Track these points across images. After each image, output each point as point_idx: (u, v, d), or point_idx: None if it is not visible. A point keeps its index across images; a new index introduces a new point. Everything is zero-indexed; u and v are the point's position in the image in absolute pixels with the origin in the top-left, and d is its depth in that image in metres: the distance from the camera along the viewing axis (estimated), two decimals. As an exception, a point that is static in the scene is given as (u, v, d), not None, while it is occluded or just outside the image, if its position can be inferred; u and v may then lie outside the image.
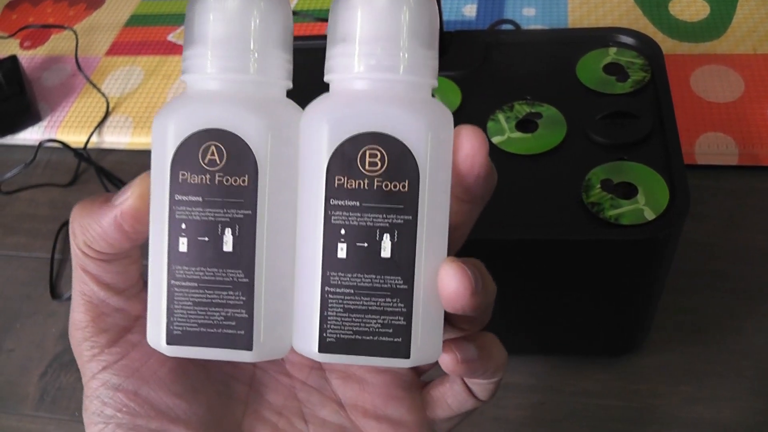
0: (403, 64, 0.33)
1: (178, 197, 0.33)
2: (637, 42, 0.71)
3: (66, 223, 0.97)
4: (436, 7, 0.35)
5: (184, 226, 0.33)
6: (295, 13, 1.10)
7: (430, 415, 0.43)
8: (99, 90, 1.13)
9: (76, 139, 1.07)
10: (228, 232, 0.33)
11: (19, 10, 1.35)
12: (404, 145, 0.33)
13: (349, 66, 0.34)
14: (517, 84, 0.70)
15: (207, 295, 0.34)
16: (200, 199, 0.33)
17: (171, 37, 1.21)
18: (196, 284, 0.34)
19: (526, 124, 0.66)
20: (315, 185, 0.33)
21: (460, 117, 0.68)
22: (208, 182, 0.33)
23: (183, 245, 0.33)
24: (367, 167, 0.33)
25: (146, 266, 0.36)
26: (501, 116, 0.67)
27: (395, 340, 0.34)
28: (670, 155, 0.61)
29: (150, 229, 0.35)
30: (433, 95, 0.36)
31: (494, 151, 0.64)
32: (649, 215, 0.57)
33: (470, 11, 1.13)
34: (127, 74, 1.16)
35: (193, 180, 0.33)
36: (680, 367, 0.74)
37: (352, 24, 0.34)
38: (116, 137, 1.06)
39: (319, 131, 0.33)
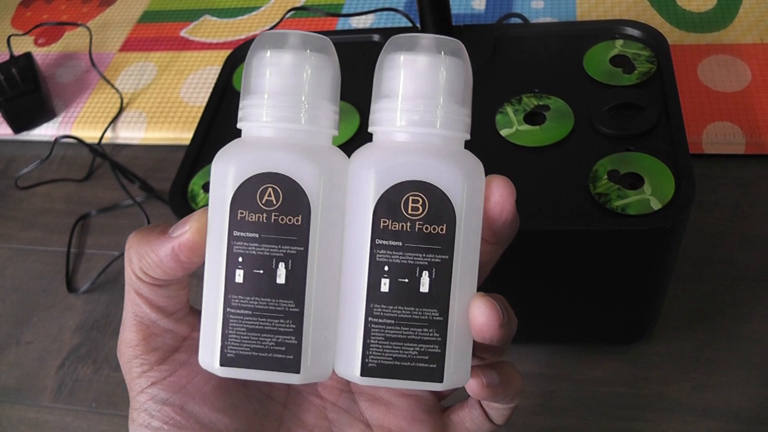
0: (441, 120, 0.37)
1: (236, 233, 0.36)
2: (643, 34, 0.72)
3: (82, 218, 0.99)
4: (470, 69, 0.38)
5: (241, 259, 0.36)
6: (305, 8, 1.11)
7: None
8: (113, 86, 1.14)
9: (90, 134, 1.09)
10: (281, 266, 0.36)
11: (34, 8, 1.37)
12: (443, 192, 0.36)
13: (392, 120, 0.37)
14: (525, 77, 0.71)
15: (260, 323, 0.37)
16: (257, 235, 0.36)
17: (184, 33, 1.23)
18: (250, 312, 0.36)
19: (534, 117, 0.67)
20: (362, 226, 0.36)
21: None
22: (264, 221, 0.36)
23: (239, 276, 0.36)
24: (409, 211, 0.36)
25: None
26: (509, 109, 0.68)
27: (430, 366, 0.37)
28: (675, 146, 0.62)
29: (206, 260, 0.37)
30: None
31: (503, 144, 0.65)
32: (656, 205, 0.58)
33: (479, 4, 1.14)
34: (141, 70, 1.17)
35: (251, 218, 0.36)
36: (689, 355, 0.74)
37: (395, 82, 0.37)
38: (130, 132, 1.08)
39: (367, 178, 0.36)
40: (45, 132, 1.11)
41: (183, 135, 1.05)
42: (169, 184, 0.69)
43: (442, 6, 0.72)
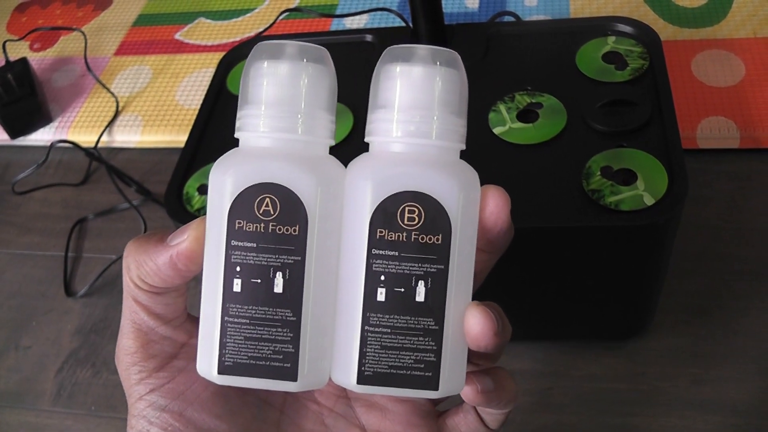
0: (437, 131, 0.37)
1: (234, 243, 0.36)
2: (636, 30, 0.72)
3: (79, 222, 0.99)
4: (466, 80, 0.38)
5: (238, 268, 0.36)
6: (299, 9, 1.11)
7: None
8: (108, 90, 1.15)
9: (86, 138, 1.09)
10: (279, 275, 0.37)
11: (29, 13, 1.37)
12: (439, 203, 0.36)
13: (388, 130, 0.37)
14: (518, 75, 0.71)
15: (257, 331, 0.37)
16: (254, 245, 0.36)
17: (178, 36, 1.23)
18: (248, 321, 0.37)
19: (527, 114, 0.67)
20: (359, 236, 0.37)
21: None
22: (262, 230, 0.36)
23: (237, 286, 0.37)
24: (405, 222, 0.36)
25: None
26: (502, 107, 0.68)
27: (426, 374, 0.37)
28: (668, 141, 0.62)
29: (204, 269, 0.38)
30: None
31: (496, 142, 0.66)
32: (649, 200, 0.58)
33: (473, 3, 1.14)
34: (136, 73, 1.18)
35: (249, 228, 0.36)
36: (686, 350, 0.74)
37: (391, 93, 0.37)
38: (126, 136, 1.08)
39: (364, 189, 0.36)
40: (41, 137, 1.11)
41: (179, 138, 1.05)
42: (165, 187, 0.69)
43: (435, 5, 0.72)
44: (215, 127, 0.73)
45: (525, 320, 0.72)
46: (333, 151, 0.39)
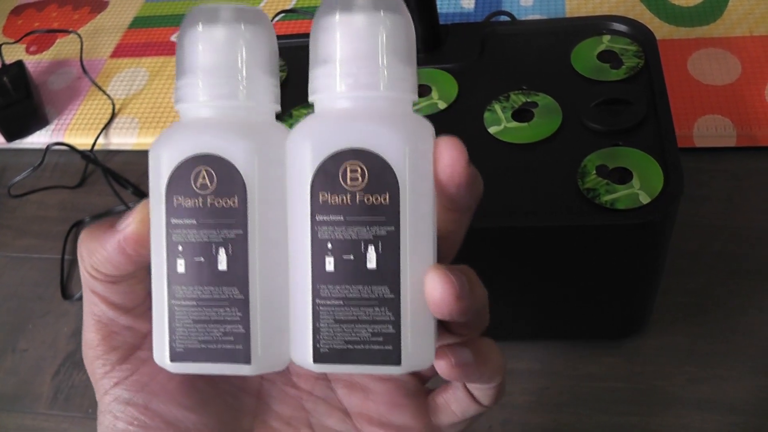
0: (382, 81, 0.34)
1: (174, 221, 0.35)
2: (630, 29, 0.72)
3: (76, 224, 0.99)
4: (412, 25, 0.36)
5: (180, 248, 0.35)
6: (294, 10, 1.11)
7: (435, 421, 0.43)
8: (105, 92, 1.14)
9: (83, 141, 1.09)
10: (222, 251, 0.34)
11: (25, 16, 1.37)
12: (383, 159, 0.33)
13: (331, 86, 0.35)
14: (513, 74, 0.71)
15: (205, 313, 0.35)
16: (194, 221, 0.34)
17: (174, 38, 1.23)
18: (194, 303, 0.35)
19: (522, 114, 0.67)
20: (301, 202, 0.34)
21: (457, 108, 0.69)
22: (200, 205, 0.34)
23: (181, 266, 0.35)
24: (348, 182, 0.33)
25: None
26: (497, 106, 0.68)
27: (385, 347, 0.34)
28: (664, 139, 0.62)
29: (151, 252, 0.36)
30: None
31: (491, 141, 0.65)
32: (644, 199, 0.58)
33: (468, 3, 1.14)
34: (132, 76, 1.17)
35: (187, 204, 0.34)
36: (684, 348, 0.74)
37: (331, 45, 0.35)
38: (123, 138, 1.08)
39: (303, 150, 0.34)
40: (37, 140, 1.11)
41: (175, 140, 1.05)
42: (160, 189, 0.69)
43: (430, 5, 0.72)
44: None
45: (522, 319, 0.73)
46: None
